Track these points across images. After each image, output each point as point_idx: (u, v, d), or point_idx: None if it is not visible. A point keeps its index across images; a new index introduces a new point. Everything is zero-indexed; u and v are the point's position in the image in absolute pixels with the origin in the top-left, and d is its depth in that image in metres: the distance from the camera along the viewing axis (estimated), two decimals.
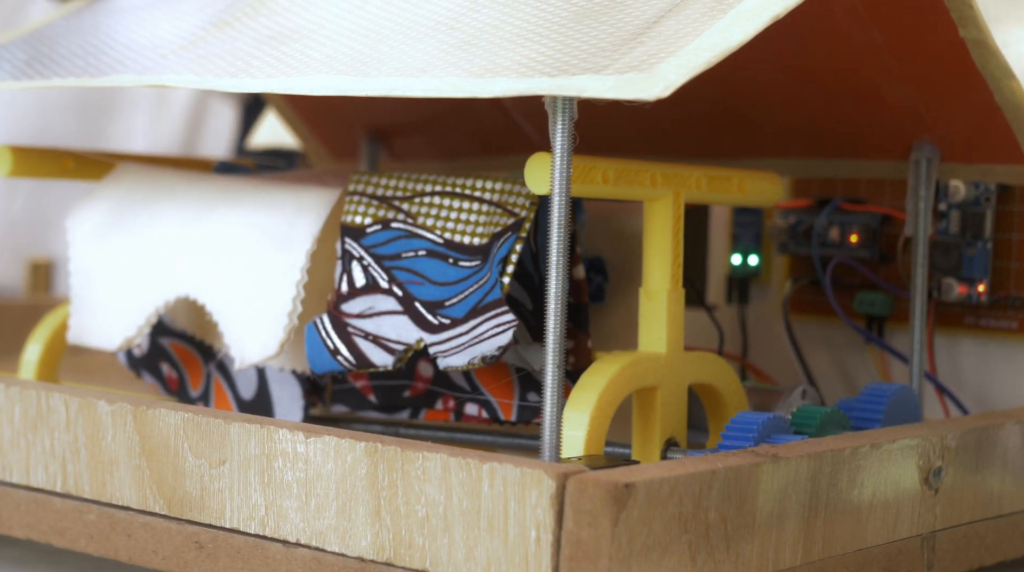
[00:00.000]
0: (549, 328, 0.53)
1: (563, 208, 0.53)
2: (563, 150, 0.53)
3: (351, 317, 0.63)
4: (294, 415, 0.69)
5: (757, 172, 0.67)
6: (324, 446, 0.55)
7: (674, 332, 0.61)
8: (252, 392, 0.70)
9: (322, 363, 0.63)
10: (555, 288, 0.53)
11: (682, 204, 0.61)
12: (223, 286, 0.67)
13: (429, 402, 0.67)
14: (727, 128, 0.77)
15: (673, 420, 0.61)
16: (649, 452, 0.61)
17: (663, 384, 0.61)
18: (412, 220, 0.64)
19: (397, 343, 0.62)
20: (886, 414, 0.66)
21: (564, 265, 0.53)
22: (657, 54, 0.52)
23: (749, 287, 0.85)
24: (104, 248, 0.70)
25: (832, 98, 0.72)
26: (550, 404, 0.54)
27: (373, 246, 0.64)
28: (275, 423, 0.57)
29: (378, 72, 0.57)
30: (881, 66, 0.68)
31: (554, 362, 0.53)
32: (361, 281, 0.64)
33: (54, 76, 0.66)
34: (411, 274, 0.63)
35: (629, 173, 0.59)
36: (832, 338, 0.83)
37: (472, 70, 0.55)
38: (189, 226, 0.68)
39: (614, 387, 0.59)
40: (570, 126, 0.53)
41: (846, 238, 0.80)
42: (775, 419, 0.61)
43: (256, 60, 0.62)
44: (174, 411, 0.59)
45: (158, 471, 0.60)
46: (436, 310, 0.62)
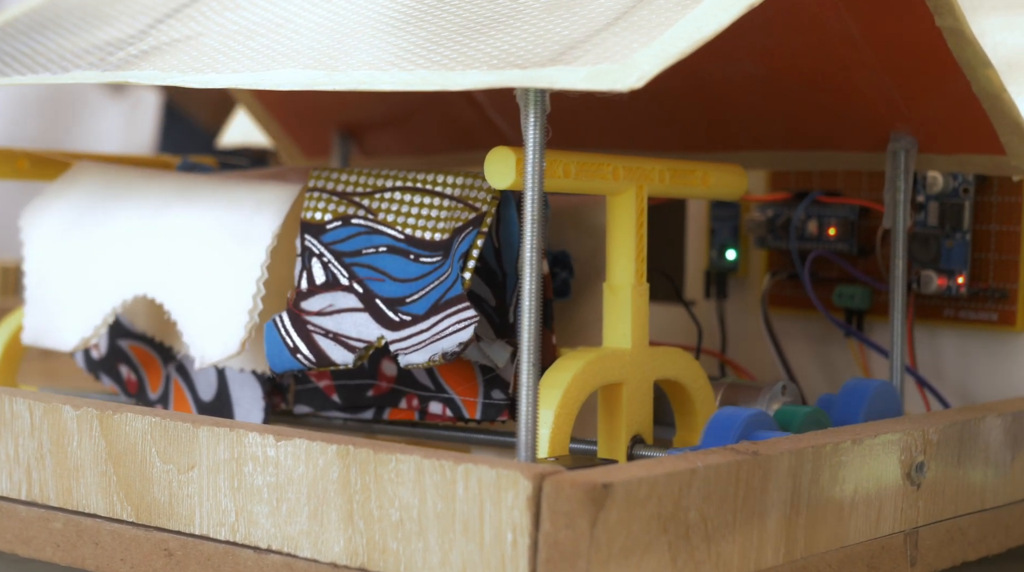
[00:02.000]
0: (523, 326, 0.52)
1: (536, 203, 0.52)
2: (535, 144, 0.52)
3: (311, 315, 0.62)
4: (255, 416, 0.67)
5: (721, 165, 0.66)
6: (295, 449, 0.54)
7: (639, 327, 0.60)
8: (212, 393, 0.69)
9: (282, 362, 0.62)
10: (529, 285, 0.52)
11: (645, 197, 0.60)
12: (181, 284, 0.65)
13: (393, 401, 0.66)
14: (701, 121, 0.76)
15: (639, 417, 0.60)
16: (615, 449, 0.60)
17: (628, 380, 0.60)
18: (373, 216, 0.63)
19: (358, 341, 0.61)
20: (867, 410, 0.65)
21: (538, 261, 0.52)
22: (630, 44, 0.51)
23: (727, 282, 0.84)
24: (59, 247, 0.69)
25: (807, 89, 0.71)
26: (526, 403, 0.52)
27: (333, 242, 0.63)
28: (245, 427, 0.56)
29: (346, 66, 0.56)
30: (857, 56, 0.67)
31: (529, 360, 0.52)
32: (321, 278, 0.63)
33: (13, 74, 0.65)
34: (372, 271, 0.62)
35: (591, 167, 0.58)
36: (811, 332, 0.82)
37: (442, 63, 0.54)
38: (146, 224, 0.67)
39: (579, 384, 0.58)
40: (542, 119, 0.52)
41: (824, 231, 0.79)
42: (757, 415, 0.60)
43: (221, 55, 0.60)
44: (141, 416, 0.58)
45: (125, 477, 0.59)
46: (397, 307, 0.61)
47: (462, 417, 0.64)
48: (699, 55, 0.72)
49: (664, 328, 0.85)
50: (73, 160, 0.73)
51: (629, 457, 0.60)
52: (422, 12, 0.59)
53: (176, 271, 0.66)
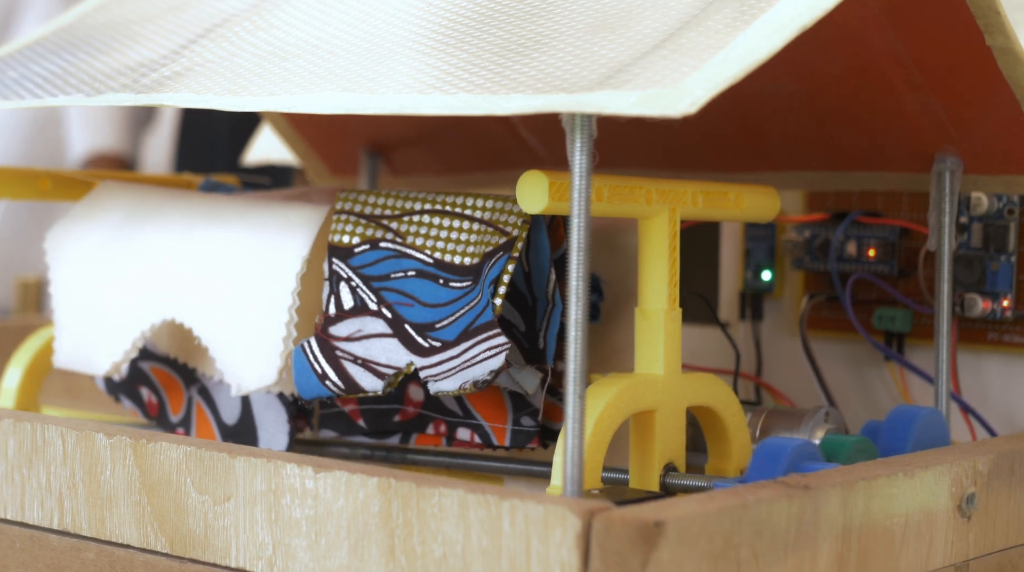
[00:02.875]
0: (570, 356, 0.51)
1: (583, 230, 0.51)
2: (582, 169, 0.51)
3: (339, 340, 0.61)
4: (279, 440, 0.66)
5: (754, 187, 0.64)
6: (335, 481, 0.53)
7: (672, 353, 0.59)
8: (236, 417, 0.67)
9: (310, 388, 0.61)
10: (576, 314, 0.51)
11: (678, 221, 0.59)
12: (211, 310, 0.64)
13: (420, 426, 0.65)
14: (740, 140, 0.75)
15: (672, 444, 0.59)
16: (647, 477, 0.59)
17: (661, 407, 0.59)
18: (401, 239, 0.61)
19: (387, 367, 0.60)
20: (914, 439, 0.64)
21: (585, 290, 0.51)
22: (680, 68, 0.50)
23: (763, 303, 0.83)
24: (86, 270, 0.68)
25: (850, 108, 0.69)
26: (572, 436, 0.51)
27: (361, 266, 0.61)
28: (282, 457, 0.55)
29: (386, 89, 0.54)
30: (903, 75, 0.66)
31: (576, 392, 0.51)
32: (349, 303, 0.61)
33: (45, 95, 0.63)
34: (401, 295, 0.61)
35: (624, 190, 0.57)
36: (849, 356, 0.81)
37: (484, 86, 0.52)
38: (173, 247, 0.66)
39: (611, 411, 0.56)
40: (589, 144, 0.51)
41: (864, 252, 0.78)
42: (803, 445, 0.59)
43: (257, 77, 0.59)
44: (176, 445, 0.57)
45: (159, 507, 0.57)
46: (426, 332, 0.60)
47: (491, 444, 0.63)
48: None
49: (698, 350, 0.83)
50: (95, 180, 0.72)
51: (662, 486, 0.59)
52: (462, 32, 0.58)
53: (205, 296, 0.65)
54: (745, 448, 0.63)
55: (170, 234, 0.66)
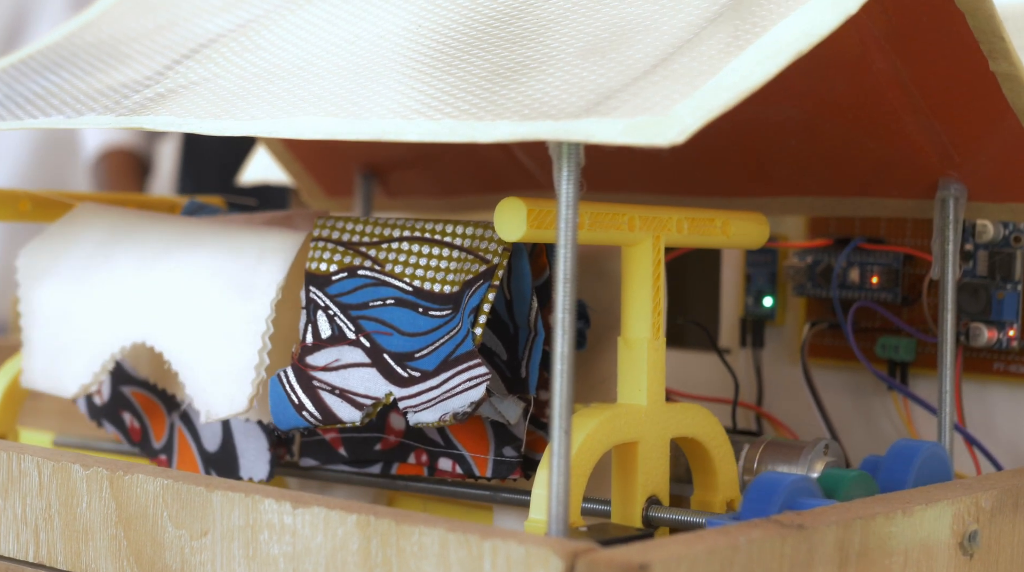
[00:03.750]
0: (555, 389, 0.49)
1: (569, 261, 0.49)
2: (569, 198, 0.49)
3: (317, 370, 0.59)
4: (260, 468, 0.65)
5: (743, 213, 0.63)
6: (313, 518, 0.51)
7: (655, 383, 0.57)
8: (217, 444, 0.66)
9: (287, 419, 0.59)
10: (562, 348, 0.49)
11: (662, 248, 0.58)
12: (182, 335, 0.63)
13: (401, 456, 0.63)
14: (740, 166, 0.73)
15: (655, 477, 0.58)
16: (629, 511, 0.57)
17: (644, 438, 0.57)
18: (380, 267, 0.60)
19: (365, 397, 0.58)
20: (915, 475, 0.62)
21: (572, 322, 0.49)
22: (671, 95, 0.48)
23: (764, 330, 0.81)
24: (57, 291, 0.67)
25: (852, 133, 0.68)
26: (556, 472, 0.49)
27: (339, 295, 0.60)
28: (260, 492, 0.53)
29: (371, 114, 0.53)
30: (906, 100, 0.64)
31: (562, 427, 0.49)
32: (327, 332, 0.60)
33: (26, 116, 0.62)
34: (379, 324, 0.59)
35: (606, 217, 0.55)
36: (852, 385, 0.79)
37: (470, 112, 0.51)
38: (147, 269, 0.65)
39: (592, 443, 0.55)
40: (577, 173, 0.49)
41: (867, 279, 0.76)
42: (800, 481, 0.57)
43: (240, 100, 0.58)
44: (152, 477, 0.55)
45: (136, 542, 0.56)
46: (405, 362, 0.58)
47: (472, 475, 0.61)
48: None
49: (697, 378, 0.82)
50: (75, 202, 0.71)
51: (644, 519, 0.57)
52: (450, 56, 0.56)
53: (177, 320, 0.63)
54: (732, 481, 0.61)
55: (144, 257, 0.65)
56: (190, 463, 0.67)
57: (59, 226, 0.69)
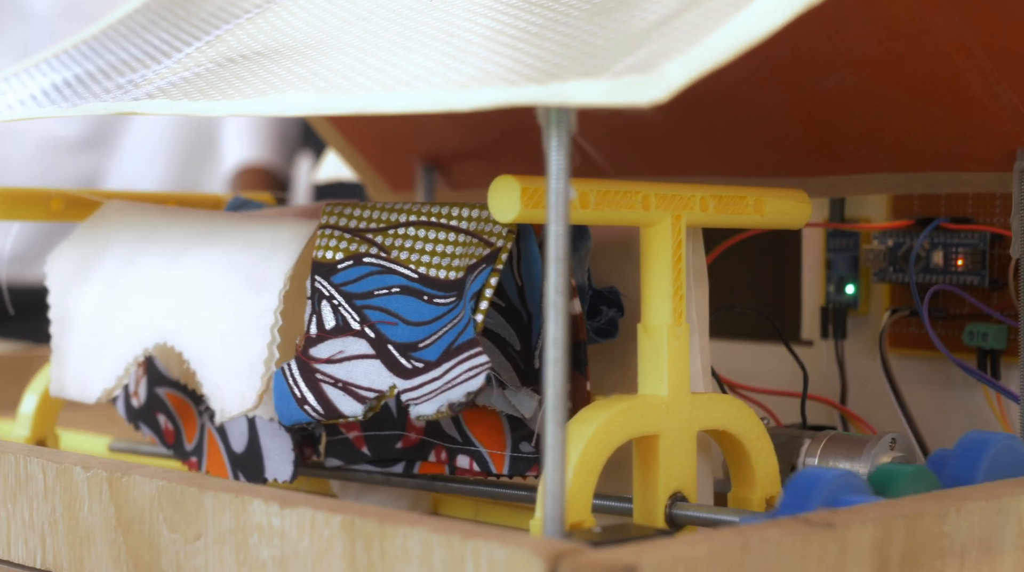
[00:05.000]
0: (548, 379, 0.45)
1: (560, 239, 0.45)
2: (559, 170, 0.45)
3: (320, 362, 0.56)
4: (284, 469, 0.62)
5: (780, 190, 0.58)
6: (300, 519, 0.48)
7: (678, 372, 0.53)
8: (243, 445, 0.63)
9: (290, 414, 0.56)
10: (554, 332, 0.45)
11: (683, 228, 0.53)
12: (199, 332, 0.60)
13: (423, 454, 0.60)
14: (807, 142, 0.68)
15: (679, 472, 0.53)
16: (651, 508, 0.53)
17: (665, 431, 0.53)
18: (386, 254, 0.57)
19: (368, 390, 0.55)
20: (985, 470, 0.56)
21: (564, 305, 0.45)
22: (666, 53, 0.44)
23: (846, 319, 0.76)
24: (82, 293, 0.64)
25: (917, 102, 0.63)
26: (552, 469, 0.45)
27: (344, 284, 0.57)
28: (250, 492, 0.50)
29: (358, 87, 0.49)
30: (972, 64, 0.59)
31: (555, 420, 0.45)
32: (331, 322, 0.57)
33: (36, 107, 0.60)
34: (384, 314, 0.56)
35: (615, 195, 0.51)
36: (940, 377, 0.73)
37: (459, 81, 0.47)
38: (167, 268, 0.62)
39: (602, 437, 0.50)
40: (567, 141, 0.45)
41: (952, 262, 0.70)
42: (844, 476, 0.52)
43: (239, 80, 0.55)
44: (149, 479, 0.53)
45: (134, 546, 0.53)
46: (410, 353, 0.55)
47: (489, 472, 0.58)
48: (793, 66, 0.65)
49: (776, 372, 0.77)
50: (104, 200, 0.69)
51: (667, 518, 0.53)
52: (455, 26, 0.53)
53: (194, 318, 0.60)
54: (771, 475, 0.56)
55: (165, 255, 0.63)
56: (219, 465, 0.65)
57: (85, 228, 0.67)
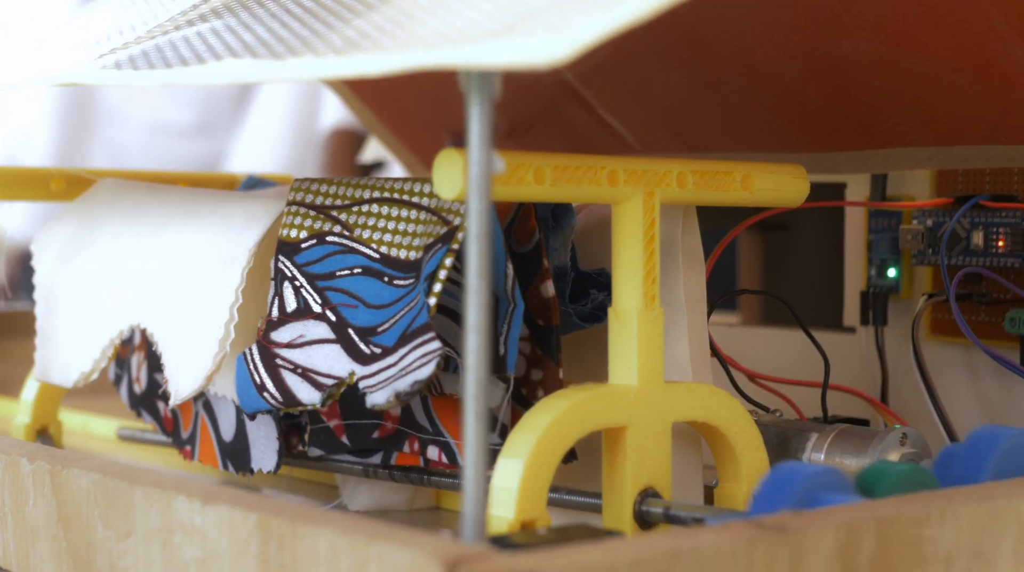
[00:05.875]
0: (469, 368, 0.42)
1: (482, 215, 0.42)
2: (482, 139, 0.42)
3: (280, 347, 0.53)
4: (269, 458, 0.59)
5: (773, 165, 0.53)
6: (219, 518, 0.45)
7: (649, 360, 0.49)
8: (232, 433, 0.61)
9: (250, 401, 0.54)
10: (475, 318, 0.42)
11: (656, 205, 0.49)
12: (166, 312, 0.58)
13: (398, 444, 0.56)
14: (833, 115, 0.64)
15: (650, 466, 0.49)
16: (619, 505, 0.49)
17: (633, 423, 0.49)
18: (349, 232, 0.53)
19: (327, 377, 0.52)
20: (994, 468, 0.52)
21: (485, 289, 0.42)
22: (586, 9, 0.40)
23: (887, 305, 0.71)
24: (67, 274, 0.62)
25: (940, 69, 0.58)
26: (471, 466, 0.42)
27: (306, 264, 0.54)
28: (176, 487, 0.47)
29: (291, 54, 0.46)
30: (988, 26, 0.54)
31: (475, 412, 0.42)
32: (292, 305, 0.54)
33: None
34: (346, 296, 0.53)
35: (575, 171, 0.47)
36: (985, 367, 0.68)
37: (388, 46, 0.44)
38: (144, 247, 0.59)
39: (559, 428, 0.47)
40: (489, 107, 0.42)
41: (992, 243, 0.65)
42: (823, 474, 0.48)
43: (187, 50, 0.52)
44: (86, 472, 0.50)
45: (74, 543, 0.51)
46: (369, 338, 0.51)
47: (457, 463, 0.54)
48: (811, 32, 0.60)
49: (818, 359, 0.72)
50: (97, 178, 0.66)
51: (637, 515, 0.49)
52: None
53: (165, 299, 0.58)
54: (760, 470, 0.52)
55: (144, 234, 0.60)
56: (209, 453, 0.62)
57: (73, 207, 0.65)
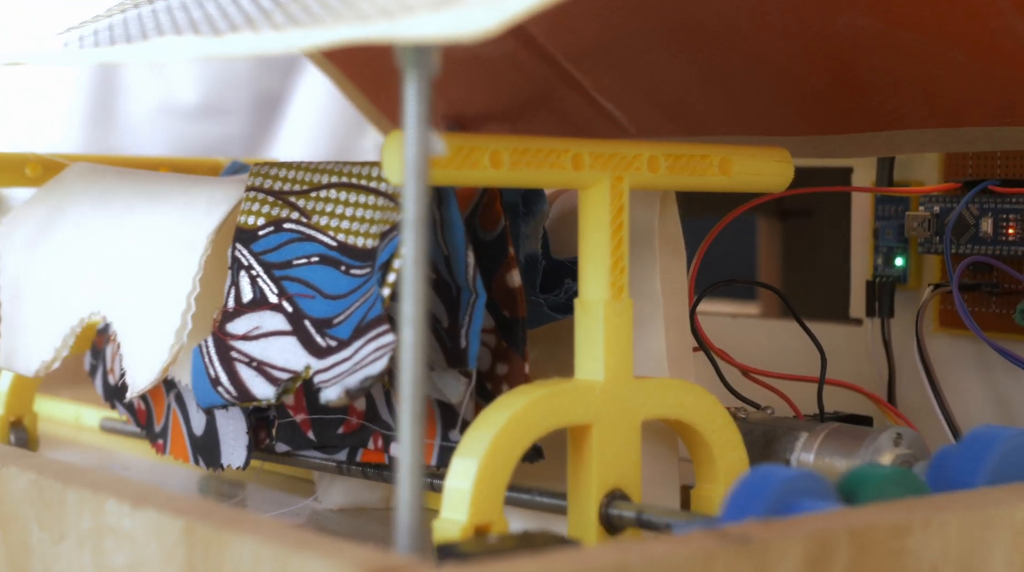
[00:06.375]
0: (404, 364, 0.39)
1: (418, 199, 0.39)
2: (417, 120, 0.39)
3: (236, 339, 0.51)
4: (238, 453, 0.57)
5: (754, 149, 0.50)
6: (148, 522, 0.42)
7: (616, 354, 0.46)
8: (202, 427, 0.58)
9: (206, 396, 0.51)
10: (411, 310, 0.39)
11: (626, 191, 0.46)
12: (125, 300, 0.55)
13: (363, 440, 0.54)
14: (825, 94, 0.60)
15: (618, 466, 0.46)
16: (584, 507, 0.46)
17: (599, 420, 0.46)
18: (307, 219, 0.51)
19: (283, 371, 0.49)
20: (991, 471, 0.48)
21: (421, 277, 0.39)
22: None
23: (894, 296, 0.67)
24: (32, 260, 0.60)
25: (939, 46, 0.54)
26: (406, 472, 0.39)
27: (263, 252, 0.51)
28: (108, 488, 0.44)
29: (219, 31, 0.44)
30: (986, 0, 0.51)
31: (411, 412, 0.39)
32: (248, 295, 0.51)
33: None
34: (303, 285, 0.50)
35: (537, 154, 0.44)
36: (998, 362, 0.64)
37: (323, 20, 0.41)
38: (108, 233, 0.57)
39: (517, 426, 0.44)
40: (425, 85, 0.39)
41: (1002, 230, 0.62)
42: (800, 478, 0.45)
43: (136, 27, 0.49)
44: (23, 471, 0.48)
45: (12, 545, 0.48)
46: (325, 330, 0.49)
47: None
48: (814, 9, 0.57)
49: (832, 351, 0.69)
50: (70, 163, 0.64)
51: (603, 519, 0.46)
52: None
53: (122, 285, 0.55)
54: (738, 470, 0.49)
55: (109, 220, 0.58)
56: (181, 448, 0.60)
57: (42, 191, 0.62)
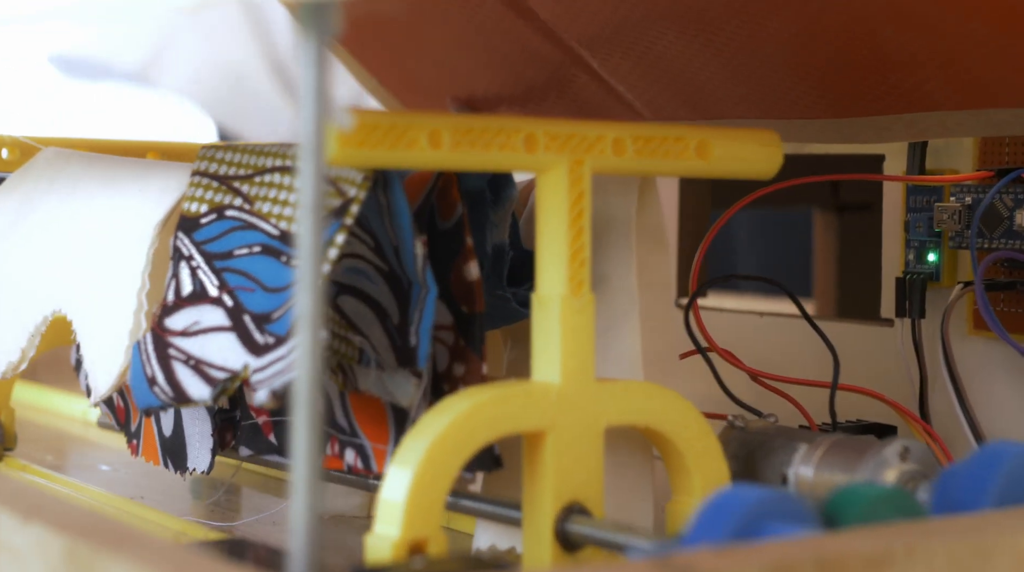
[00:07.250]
0: (299, 367, 0.34)
1: (312, 181, 0.34)
2: (316, 89, 0.34)
3: (174, 335, 0.47)
4: (203, 456, 0.54)
5: (737, 131, 0.45)
6: (34, 539, 0.38)
7: (576, 354, 0.41)
8: (171, 428, 0.55)
9: (143, 396, 0.47)
10: (306, 304, 0.34)
11: (587, 176, 0.41)
12: (83, 298, 0.51)
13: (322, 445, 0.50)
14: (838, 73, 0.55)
15: (576, 477, 0.42)
16: (539, 522, 0.41)
17: (555, 427, 0.41)
18: (249, 206, 0.47)
19: (220, 370, 0.45)
20: (998, 491, 0.43)
21: (316, 270, 0.34)
22: None
23: (925, 294, 0.62)
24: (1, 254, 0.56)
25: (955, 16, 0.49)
26: (300, 489, 0.34)
27: (205, 242, 0.47)
28: (5, 501, 0.40)
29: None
30: None
31: (306, 420, 0.34)
32: (188, 288, 0.47)
33: None
34: (243, 278, 0.46)
35: (483, 134, 0.40)
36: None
37: None
38: (70, 224, 0.53)
39: (458, 434, 0.39)
40: (324, 49, 0.34)
41: None
42: (773, 498, 0.40)
43: None
44: None
45: None
46: (264, 325, 0.45)
47: (371, 468, 0.47)
48: None
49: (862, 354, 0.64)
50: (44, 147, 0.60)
51: (559, 535, 0.41)
52: None
53: (80, 281, 0.52)
54: (717, 483, 0.44)
55: (72, 210, 0.54)
56: (152, 449, 0.57)
57: (10, 181, 0.59)
